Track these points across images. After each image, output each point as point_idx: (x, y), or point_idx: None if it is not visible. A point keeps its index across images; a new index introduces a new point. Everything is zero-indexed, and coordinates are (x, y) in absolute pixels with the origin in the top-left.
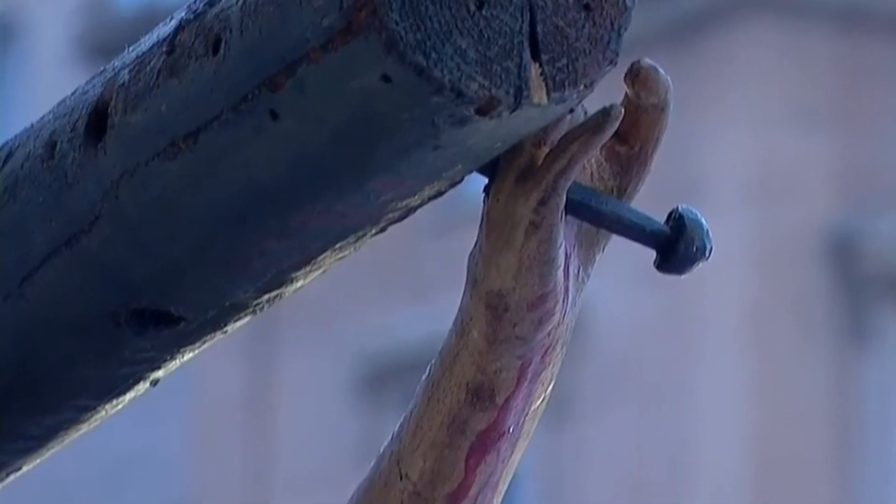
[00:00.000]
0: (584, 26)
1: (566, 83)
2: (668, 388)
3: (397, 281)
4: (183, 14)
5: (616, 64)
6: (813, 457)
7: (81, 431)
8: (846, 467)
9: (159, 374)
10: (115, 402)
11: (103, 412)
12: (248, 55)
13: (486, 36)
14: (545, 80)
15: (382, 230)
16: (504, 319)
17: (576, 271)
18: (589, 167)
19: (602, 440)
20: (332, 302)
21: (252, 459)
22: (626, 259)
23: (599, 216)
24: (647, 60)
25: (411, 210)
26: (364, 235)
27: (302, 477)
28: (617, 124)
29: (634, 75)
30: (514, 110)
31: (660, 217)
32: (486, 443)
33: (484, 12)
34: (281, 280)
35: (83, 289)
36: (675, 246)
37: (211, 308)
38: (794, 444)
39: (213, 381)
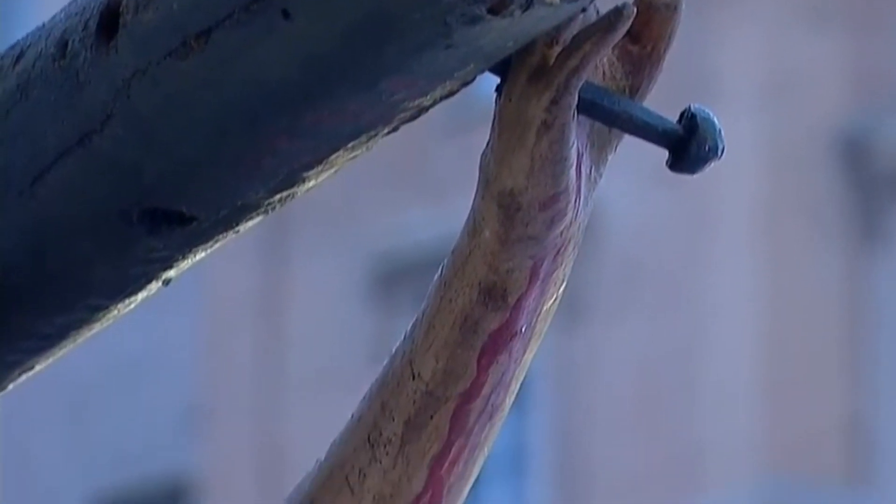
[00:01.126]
0: None
1: None
2: (679, 288)
3: (410, 181)
4: None
5: None
6: (824, 357)
7: (94, 331)
8: (858, 367)
9: (171, 273)
10: (127, 301)
11: (115, 312)
12: None
13: None
14: None
15: (394, 129)
16: (516, 219)
17: (588, 171)
18: (601, 66)
19: (614, 340)
20: (345, 202)
21: (264, 359)
22: (637, 159)
23: (611, 115)
24: None
25: (423, 109)
26: (376, 135)
27: (314, 377)
28: (629, 23)
29: None
30: (526, 9)
31: (672, 116)
32: (499, 343)
33: None
34: (293, 180)
35: (95, 188)
36: (688, 145)
37: (223, 208)
38: (805, 344)
39: (226, 281)
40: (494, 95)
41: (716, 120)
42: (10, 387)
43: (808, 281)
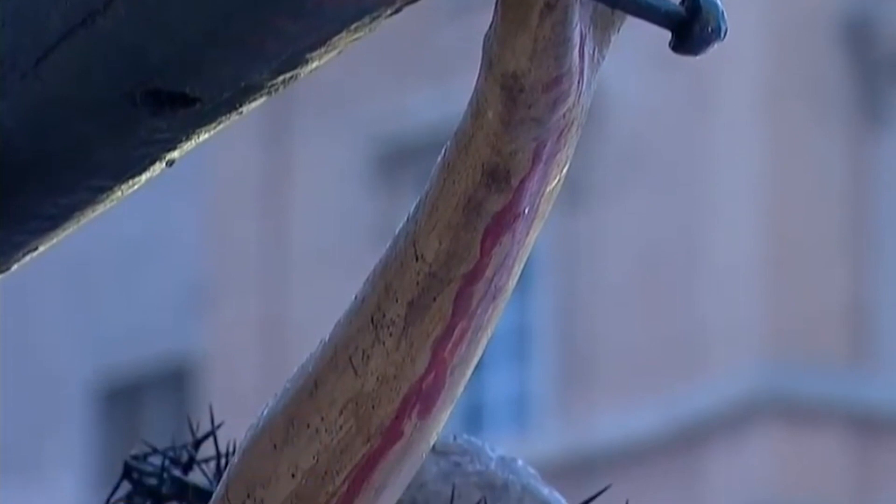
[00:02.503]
0: None
1: None
2: (681, 169)
3: (413, 63)
4: None
5: None
6: (826, 239)
7: (97, 212)
8: (860, 249)
9: (175, 154)
10: (130, 182)
11: (119, 193)
12: None
13: None
14: None
15: (398, 11)
16: (519, 101)
17: (591, 52)
18: None
19: (616, 222)
20: (348, 84)
21: (267, 240)
22: (640, 40)
23: None
24: None
25: None
26: (379, 16)
27: (317, 258)
28: None
29: None
30: None
31: None
32: (502, 224)
33: None
34: (296, 61)
35: (99, 69)
36: (691, 27)
37: (226, 89)
38: (807, 226)
39: (229, 162)
40: None
41: (719, 1)
42: (15, 267)
43: (810, 163)
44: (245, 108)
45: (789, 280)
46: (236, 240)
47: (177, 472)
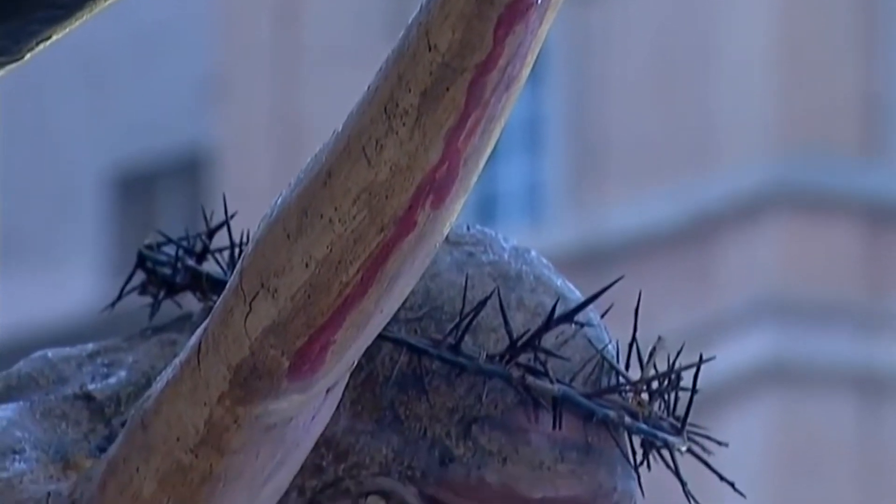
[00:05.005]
0: None
1: None
2: None
3: None
4: None
5: None
6: (841, 30)
7: (111, 0)
8: (873, 40)
9: None
10: None
11: None
12: None
13: None
14: None
15: None
16: None
17: None
18: None
19: (630, 12)
20: None
21: (281, 32)
22: None
23: None
24: None
25: None
26: None
27: (331, 50)
28: None
29: None
30: None
31: None
32: (515, 13)
33: None
34: None
35: None
36: None
37: None
38: (821, 16)
39: None
40: None
41: None
42: (29, 57)
43: None
44: None
45: (802, 71)
46: (251, 31)
47: (191, 262)
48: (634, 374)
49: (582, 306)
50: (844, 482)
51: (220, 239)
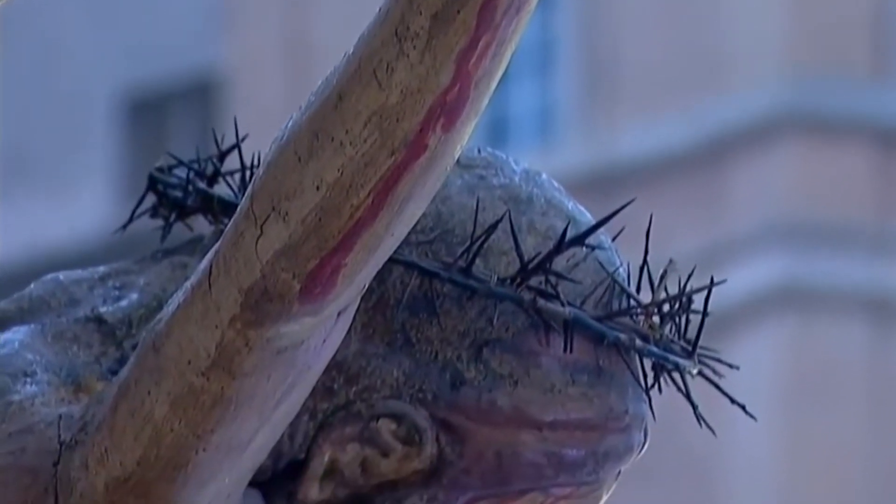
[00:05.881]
0: None
1: None
2: None
3: None
4: None
5: None
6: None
7: None
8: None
9: None
10: None
11: None
12: None
13: None
14: None
15: None
16: None
17: None
18: None
19: None
20: None
21: None
22: None
23: None
24: None
25: None
26: None
27: None
28: None
29: None
30: None
31: None
32: None
33: None
34: None
35: None
36: None
37: None
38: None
39: None
40: None
41: None
42: None
43: None
44: None
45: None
46: None
47: (202, 185)
48: (646, 297)
49: (593, 229)
50: (855, 404)
51: (232, 161)
